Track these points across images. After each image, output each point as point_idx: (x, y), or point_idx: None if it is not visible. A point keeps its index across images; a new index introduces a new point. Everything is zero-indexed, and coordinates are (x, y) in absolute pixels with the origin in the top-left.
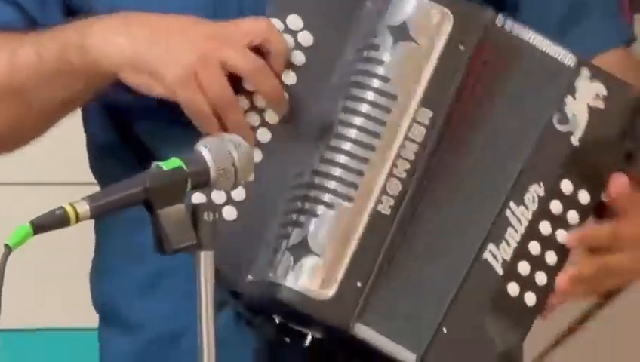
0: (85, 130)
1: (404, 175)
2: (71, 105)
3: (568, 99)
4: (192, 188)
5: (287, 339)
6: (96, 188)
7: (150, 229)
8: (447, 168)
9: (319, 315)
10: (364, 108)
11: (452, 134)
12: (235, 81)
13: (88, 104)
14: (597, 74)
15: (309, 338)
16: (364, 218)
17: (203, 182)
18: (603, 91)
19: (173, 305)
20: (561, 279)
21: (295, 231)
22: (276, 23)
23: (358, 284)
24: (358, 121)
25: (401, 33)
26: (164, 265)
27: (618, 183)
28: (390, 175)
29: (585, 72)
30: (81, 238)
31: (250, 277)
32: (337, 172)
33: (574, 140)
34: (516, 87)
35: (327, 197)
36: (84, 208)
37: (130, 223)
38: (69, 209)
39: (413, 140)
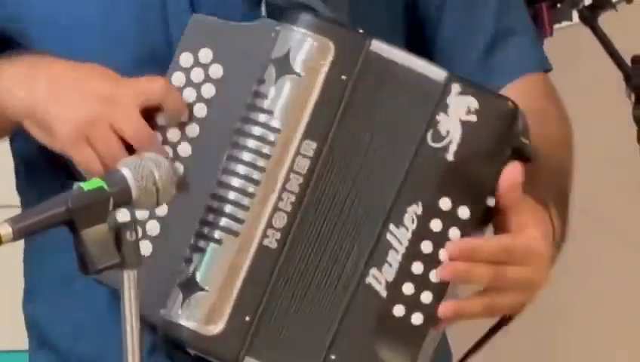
0: (11, 145)
1: (289, 208)
2: None
3: (440, 115)
4: (113, 208)
5: None
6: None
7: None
8: (329, 197)
9: (209, 351)
10: (250, 143)
11: (335, 163)
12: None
13: None
14: (467, 88)
15: None
16: (251, 252)
17: (125, 202)
18: (474, 104)
19: (96, 327)
20: (443, 269)
21: (187, 268)
22: (187, 57)
23: (247, 318)
24: (244, 156)
25: (284, 66)
26: (88, 286)
27: (509, 174)
28: (276, 208)
29: (455, 87)
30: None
31: (162, 311)
32: (225, 208)
33: (449, 156)
34: (389, 109)
35: (215, 233)
36: (6, 230)
37: (54, 246)
38: None
39: (297, 173)
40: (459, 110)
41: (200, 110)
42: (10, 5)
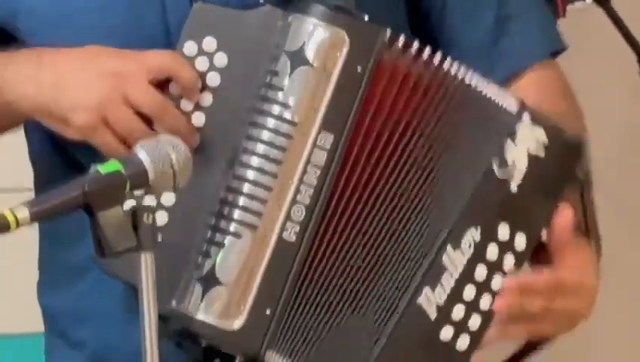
0: (26, 136)
1: (307, 201)
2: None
3: (509, 144)
4: (130, 191)
5: (217, 361)
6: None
7: (85, 244)
8: (357, 195)
9: (229, 346)
10: (265, 135)
11: (360, 157)
12: None
13: None
14: (538, 120)
15: (238, 359)
16: (270, 246)
17: (142, 185)
18: (543, 138)
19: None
20: (500, 301)
21: (204, 261)
22: (191, 45)
23: (267, 312)
24: (259, 148)
25: (299, 58)
26: (100, 279)
27: (563, 216)
28: (294, 201)
29: (526, 118)
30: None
31: (174, 302)
32: (242, 201)
33: (513, 186)
34: (458, 128)
35: (232, 226)
36: (24, 214)
37: (68, 237)
38: (8, 215)
39: (315, 165)
40: (527, 141)
41: (205, 98)
42: (4, 1)
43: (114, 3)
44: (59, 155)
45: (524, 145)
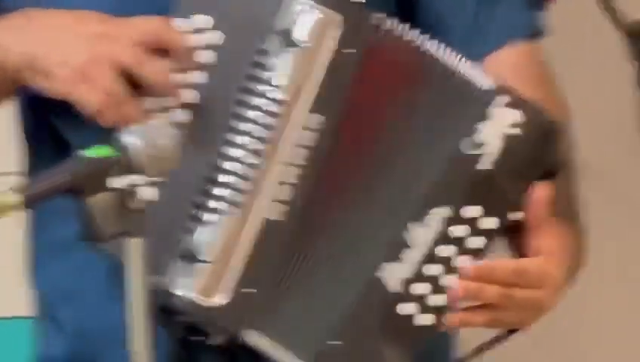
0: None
1: (295, 180)
2: None
3: (482, 124)
4: (118, 175)
5: (202, 338)
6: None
7: (73, 221)
8: (346, 175)
9: (210, 321)
10: (252, 114)
11: (349, 140)
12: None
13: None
14: (514, 99)
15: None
16: (255, 225)
17: (130, 170)
18: (518, 118)
19: (96, 297)
20: (454, 288)
21: (186, 238)
22: (185, 22)
23: (251, 291)
24: (246, 127)
25: (289, 38)
26: (88, 257)
27: (539, 194)
28: (281, 181)
29: (501, 97)
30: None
31: (161, 280)
32: (227, 178)
33: (485, 166)
34: (428, 106)
35: (216, 204)
36: (17, 199)
37: (54, 216)
38: (3, 200)
39: (303, 146)
40: (502, 122)
41: (199, 76)
42: None
43: None
44: (52, 138)
45: (499, 125)
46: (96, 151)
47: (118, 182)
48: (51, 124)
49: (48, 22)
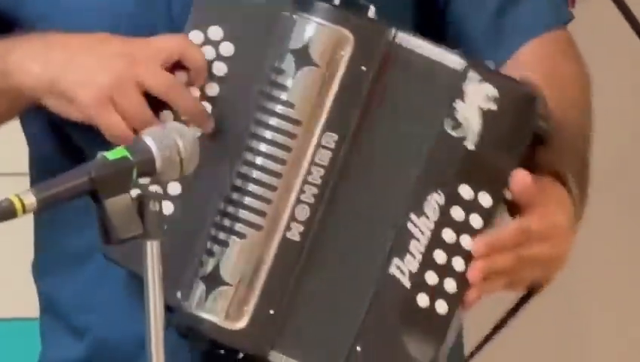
0: (24, 132)
1: (312, 200)
2: (2, 118)
3: (458, 103)
4: (137, 178)
5: (222, 351)
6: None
7: (88, 232)
8: (353, 190)
9: (234, 345)
10: (269, 134)
11: (357, 155)
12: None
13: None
14: (485, 75)
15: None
16: (274, 246)
17: (149, 172)
18: (493, 92)
19: (112, 306)
20: (473, 271)
21: (208, 260)
22: (197, 34)
23: (271, 312)
24: (263, 147)
25: (303, 57)
26: (104, 267)
27: (519, 180)
28: (298, 201)
29: (473, 75)
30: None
31: (179, 293)
32: (246, 200)
33: (469, 144)
34: (409, 98)
35: (237, 226)
36: (30, 200)
37: (70, 223)
38: (15, 200)
39: (319, 165)
40: (477, 98)
41: (211, 89)
42: None
43: None
44: (60, 142)
45: (474, 102)
46: (115, 154)
47: (137, 184)
48: (58, 125)
49: (67, 43)
